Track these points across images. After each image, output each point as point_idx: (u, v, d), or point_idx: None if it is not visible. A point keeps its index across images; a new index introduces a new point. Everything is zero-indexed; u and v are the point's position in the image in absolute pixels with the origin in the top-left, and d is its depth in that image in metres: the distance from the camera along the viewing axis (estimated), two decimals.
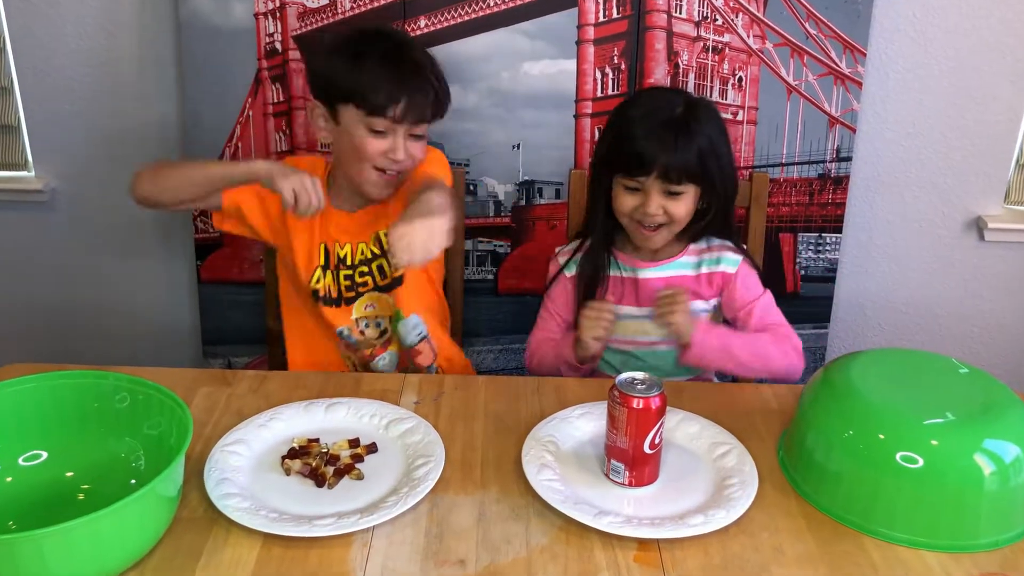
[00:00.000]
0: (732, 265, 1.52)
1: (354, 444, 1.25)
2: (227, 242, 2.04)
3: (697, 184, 1.45)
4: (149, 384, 1.13)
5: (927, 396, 1.16)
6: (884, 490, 1.10)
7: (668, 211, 1.45)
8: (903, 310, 2.21)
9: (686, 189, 1.44)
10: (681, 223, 1.48)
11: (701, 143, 1.42)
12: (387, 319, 1.62)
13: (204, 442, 1.24)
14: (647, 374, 1.18)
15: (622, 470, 1.17)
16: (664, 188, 1.44)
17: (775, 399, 1.39)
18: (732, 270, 1.52)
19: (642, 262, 1.54)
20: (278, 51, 1.92)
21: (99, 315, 2.21)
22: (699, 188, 1.46)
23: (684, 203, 1.46)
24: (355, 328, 1.61)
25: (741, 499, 1.14)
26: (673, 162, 1.41)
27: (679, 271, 1.54)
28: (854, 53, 1.93)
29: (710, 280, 1.53)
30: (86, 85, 2.01)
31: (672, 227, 1.48)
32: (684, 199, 1.45)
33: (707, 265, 1.53)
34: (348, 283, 1.60)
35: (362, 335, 1.62)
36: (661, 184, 1.43)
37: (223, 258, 2.07)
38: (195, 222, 2.03)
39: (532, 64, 1.92)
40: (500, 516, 1.13)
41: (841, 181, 2.02)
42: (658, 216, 1.45)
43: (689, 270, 1.54)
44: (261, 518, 1.09)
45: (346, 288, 1.60)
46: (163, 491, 1.00)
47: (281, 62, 1.92)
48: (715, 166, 1.44)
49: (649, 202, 1.44)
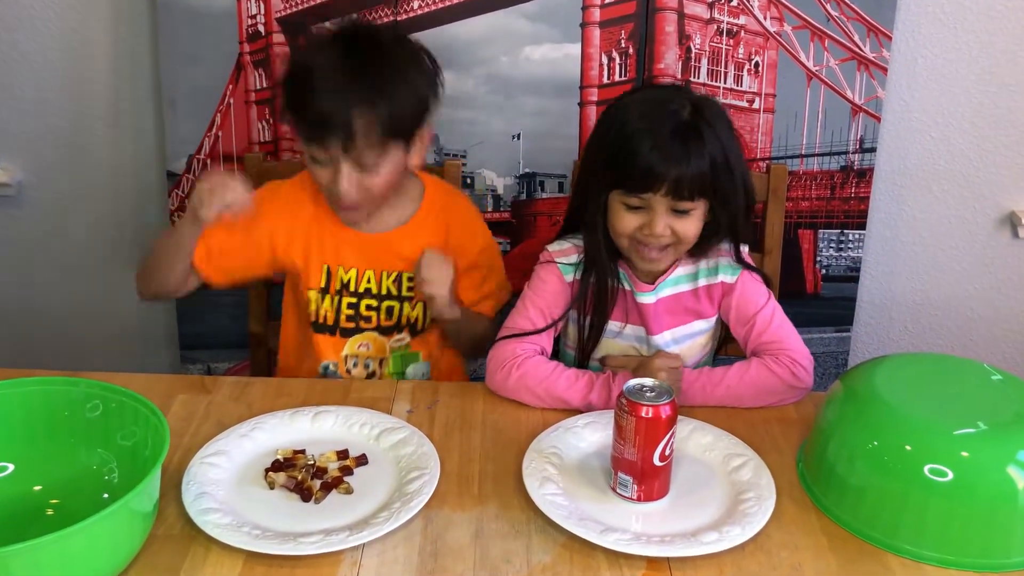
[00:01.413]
0: (731, 273, 1.47)
1: (343, 456, 1.26)
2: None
3: (708, 199, 1.38)
4: (123, 391, 1.13)
5: (957, 404, 1.17)
6: (911, 505, 1.10)
7: (675, 231, 1.37)
8: (931, 312, 2.22)
9: (696, 205, 1.37)
10: (689, 243, 1.41)
11: (713, 151, 1.34)
12: (377, 361, 1.59)
13: (182, 453, 1.24)
14: (657, 381, 1.19)
15: (630, 484, 1.17)
16: (672, 205, 1.36)
17: (794, 408, 1.40)
18: (732, 279, 1.47)
19: (639, 283, 1.47)
20: (261, 34, 1.92)
21: (70, 317, 2.21)
22: (708, 203, 1.38)
23: (693, 221, 1.38)
24: (342, 365, 1.58)
25: (757, 515, 1.14)
26: (685, 176, 1.32)
27: (675, 288, 1.48)
28: (879, 36, 1.93)
29: (709, 294, 1.48)
30: (55, 72, 2.01)
31: (679, 247, 1.41)
32: (693, 217, 1.38)
33: (704, 276, 1.47)
34: (351, 312, 1.56)
35: (348, 374, 1.59)
36: (669, 201, 1.36)
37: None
38: (172, 217, 2.03)
39: (533, 48, 1.92)
40: (499, 533, 1.13)
41: (865, 174, 2.02)
42: (664, 237, 1.38)
43: (685, 285, 1.48)
44: (243, 535, 1.09)
45: (346, 318, 1.56)
46: (138, 506, 1.00)
47: (264, 46, 1.92)
48: (727, 177, 1.36)
49: (656, 221, 1.36)
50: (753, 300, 1.46)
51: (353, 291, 1.55)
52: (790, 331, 1.45)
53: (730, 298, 1.47)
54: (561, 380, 1.39)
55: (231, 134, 1.98)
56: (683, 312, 1.49)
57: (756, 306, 1.46)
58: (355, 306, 1.56)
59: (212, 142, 1.98)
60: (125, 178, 2.08)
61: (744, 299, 1.47)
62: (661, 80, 1.93)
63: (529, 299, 1.48)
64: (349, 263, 1.55)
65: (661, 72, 1.94)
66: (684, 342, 1.49)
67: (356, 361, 1.58)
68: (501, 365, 1.41)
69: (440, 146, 1.97)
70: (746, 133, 1.98)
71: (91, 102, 2.03)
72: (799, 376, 1.40)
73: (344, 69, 1.37)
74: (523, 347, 1.43)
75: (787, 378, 1.39)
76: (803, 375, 1.41)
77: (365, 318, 1.57)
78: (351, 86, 1.36)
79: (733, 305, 1.47)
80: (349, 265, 1.55)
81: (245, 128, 1.97)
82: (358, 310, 1.56)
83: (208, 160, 1.98)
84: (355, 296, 1.55)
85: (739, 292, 1.47)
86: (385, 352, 1.59)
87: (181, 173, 1.99)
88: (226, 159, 1.98)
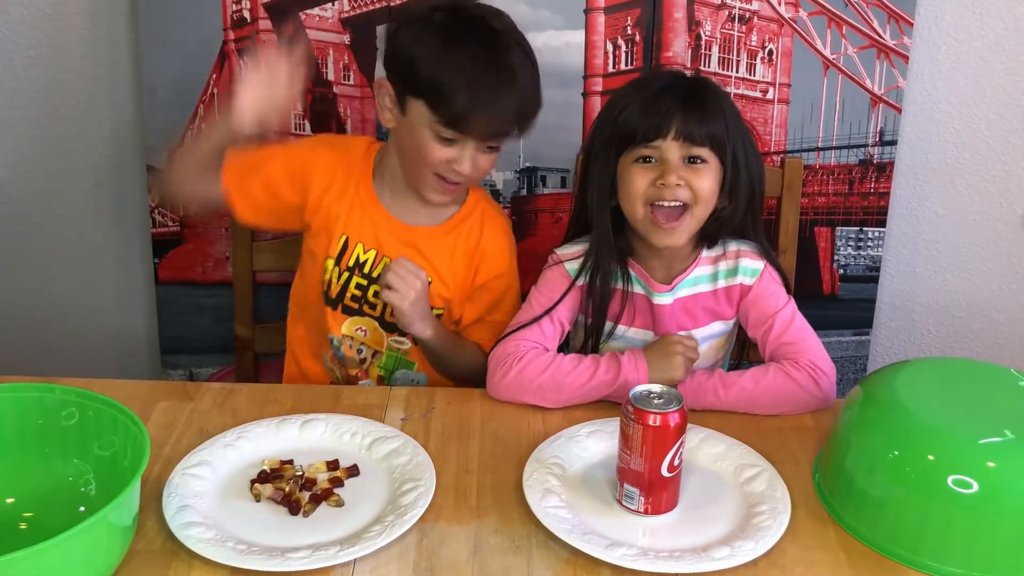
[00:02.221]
0: (751, 275, 1.49)
1: (333, 466, 1.25)
2: (189, 237, 2.04)
3: (720, 156, 1.41)
4: (100, 398, 1.12)
5: (983, 412, 1.16)
6: (934, 518, 1.10)
7: (691, 184, 1.40)
8: (955, 314, 2.22)
9: (709, 157, 1.41)
10: (705, 205, 1.42)
11: (725, 106, 1.43)
12: (371, 352, 1.60)
13: (163, 464, 1.24)
14: (665, 387, 1.19)
15: (637, 496, 1.17)
16: (685, 152, 1.40)
17: (811, 416, 1.40)
18: (750, 281, 1.49)
19: (655, 284, 1.49)
20: (247, 21, 1.92)
21: (44, 319, 2.21)
22: (722, 167, 1.42)
23: (708, 176, 1.41)
24: (344, 341, 1.60)
25: (772, 529, 1.14)
26: (693, 117, 1.39)
27: (693, 289, 1.49)
28: (900, 22, 1.93)
29: (728, 295, 1.50)
30: (28, 60, 2.00)
31: (695, 211, 1.42)
32: (707, 171, 1.41)
33: (724, 277, 1.49)
34: (358, 292, 1.57)
35: (349, 350, 1.61)
36: (681, 147, 1.39)
37: (184, 255, 2.07)
38: (152, 215, 2.03)
39: (534, 35, 1.90)
40: (498, 548, 1.13)
41: (885, 168, 2.02)
42: (680, 189, 1.40)
43: (705, 285, 1.50)
44: (227, 550, 1.08)
45: (351, 298, 1.57)
46: (116, 520, 1.00)
47: (250, 33, 1.92)
48: (740, 144, 1.43)
49: (668, 172, 1.39)
50: (772, 301, 1.48)
51: (366, 273, 1.56)
52: (810, 335, 1.46)
53: (749, 299, 1.49)
54: (565, 364, 1.41)
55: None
56: (701, 313, 1.51)
57: (775, 307, 1.47)
58: (364, 288, 1.57)
59: (195, 133, 1.98)
60: (103, 172, 2.08)
61: (763, 299, 1.48)
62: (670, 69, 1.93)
63: (535, 299, 1.51)
64: (370, 243, 1.56)
65: (669, 60, 1.94)
66: (700, 344, 1.50)
67: (352, 343, 1.59)
68: (501, 363, 1.42)
69: None
70: (759, 125, 1.98)
71: (66, 91, 2.03)
72: (820, 384, 1.40)
73: (498, 58, 1.43)
74: (524, 343, 1.45)
75: (807, 385, 1.40)
76: (825, 383, 1.41)
77: (371, 304, 1.57)
78: (506, 84, 1.43)
79: (752, 306, 1.49)
80: (369, 245, 1.56)
81: None
82: (365, 294, 1.57)
83: None
84: (366, 279, 1.56)
85: (758, 293, 1.48)
86: (382, 346, 1.60)
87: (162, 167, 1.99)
88: None
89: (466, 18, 1.46)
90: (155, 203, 1.52)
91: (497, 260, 1.60)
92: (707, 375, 1.42)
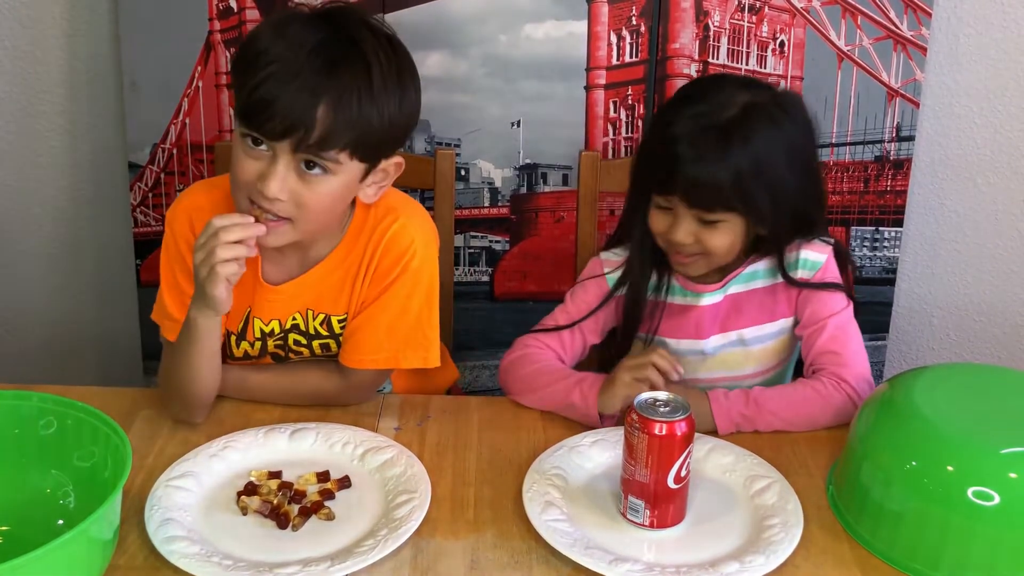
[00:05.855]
0: (810, 268, 1.45)
1: (323, 478, 1.26)
2: None
3: (737, 213, 1.36)
4: (79, 406, 1.13)
5: (1004, 420, 1.17)
6: (953, 532, 1.10)
7: (702, 241, 1.38)
8: (975, 318, 2.22)
9: (724, 217, 1.36)
10: (722, 257, 1.41)
11: (741, 162, 1.32)
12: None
13: (145, 475, 1.24)
14: (671, 394, 1.19)
15: (642, 509, 1.18)
16: (697, 215, 1.36)
17: None
18: (809, 274, 1.45)
19: (703, 285, 1.47)
20: (233, 11, 1.92)
21: (21, 325, 2.21)
22: (744, 219, 1.37)
23: (722, 235, 1.37)
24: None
25: (783, 543, 1.14)
26: (703, 176, 1.32)
27: (748, 285, 1.47)
28: (917, 12, 1.94)
29: (787, 290, 1.47)
30: (2, 51, 2.00)
31: (711, 259, 1.41)
32: (722, 230, 1.37)
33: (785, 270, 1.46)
34: (279, 342, 1.44)
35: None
36: (689, 208, 1.36)
37: None
38: (135, 213, 2.04)
39: (535, 26, 1.92)
40: (497, 564, 1.13)
41: (902, 165, 2.03)
42: (689, 245, 1.38)
43: (761, 281, 1.47)
44: (213, 565, 1.09)
45: (272, 356, 1.46)
46: (96, 534, 1.00)
47: (237, 23, 1.93)
48: (765, 192, 1.34)
49: (677, 226, 1.37)
50: (831, 304, 1.45)
51: (278, 334, 1.43)
52: (859, 348, 1.44)
53: (805, 297, 1.46)
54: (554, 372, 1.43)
55: (200, 121, 1.98)
56: (756, 311, 1.48)
57: (830, 310, 1.45)
58: (282, 345, 1.45)
59: (179, 129, 1.98)
60: (82, 170, 2.08)
61: (821, 299, 1.45)
62: (677, 61, 1.93)
63: (570, 304, 1.53)
64: (267, 317, 1.42)
65: (676, 52, 1.94)
66: (754, 345, 1.49)
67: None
68: (509, 351, 1.49)
69: (432, 134, 1.97)
70: None
71: (43, 85, 2.03)
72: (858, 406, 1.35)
73: (333, 53, 1.23)
74: (537, 342, 1.49)
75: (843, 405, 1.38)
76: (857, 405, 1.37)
77: (296, 352, 1.45)
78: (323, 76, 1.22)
79: (807, 301, 1.46)
80: (268, 319, 1.42)
81: (215, 114, 1.97)
82: (286, 342, 1.44)
83: (174, 150, 1.98)
84: (280, 338, 1.44)
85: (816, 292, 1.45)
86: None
87: (144, 164, 1.99)
88: (194, 148, 1.98)
89: (314, 14, 1.29)
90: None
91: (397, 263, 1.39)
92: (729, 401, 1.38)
